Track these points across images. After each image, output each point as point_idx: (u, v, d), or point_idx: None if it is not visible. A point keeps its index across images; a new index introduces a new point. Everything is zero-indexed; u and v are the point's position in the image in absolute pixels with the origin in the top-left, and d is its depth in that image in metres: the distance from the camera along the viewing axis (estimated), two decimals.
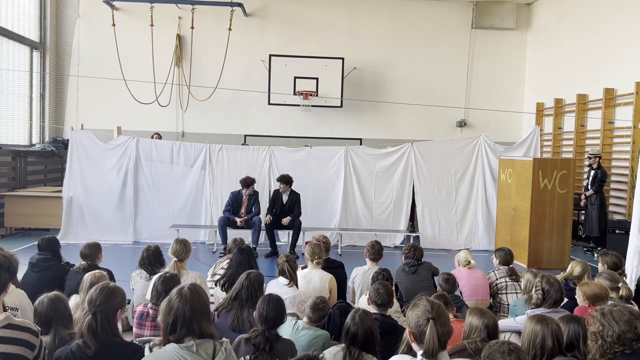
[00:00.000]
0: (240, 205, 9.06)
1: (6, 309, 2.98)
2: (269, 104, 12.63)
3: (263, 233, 9.01)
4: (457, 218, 10.10)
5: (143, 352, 2.79)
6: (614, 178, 10.13)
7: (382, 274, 4.62)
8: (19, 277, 4.17)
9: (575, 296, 4.18)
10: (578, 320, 3.15)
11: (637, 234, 6.24)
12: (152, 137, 10.82)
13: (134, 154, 9.85)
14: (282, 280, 4.58)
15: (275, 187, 9.37)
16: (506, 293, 5.30)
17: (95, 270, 4.13)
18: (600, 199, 9.48)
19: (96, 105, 13.00)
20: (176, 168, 9.99)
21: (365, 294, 4.76)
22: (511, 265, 5.57)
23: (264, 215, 9.10)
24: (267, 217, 8.96)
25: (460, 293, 5.27)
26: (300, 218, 9.08)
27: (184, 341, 2.41)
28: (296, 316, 4.00)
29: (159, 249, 5.12)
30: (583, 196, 9.64)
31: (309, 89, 12.42)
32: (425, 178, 10.07)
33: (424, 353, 2.42)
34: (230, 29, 12.24)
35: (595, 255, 9.12)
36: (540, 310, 3.78)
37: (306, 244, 5.34)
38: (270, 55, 12.53)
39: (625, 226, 8.46)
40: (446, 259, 8.25)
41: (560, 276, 4.81)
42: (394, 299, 4.77)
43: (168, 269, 4.66)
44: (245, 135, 13.31)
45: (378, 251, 5.44)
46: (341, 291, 5.24)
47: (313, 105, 12.64)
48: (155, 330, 3.68)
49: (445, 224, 10.08)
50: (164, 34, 12.83)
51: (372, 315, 3.32)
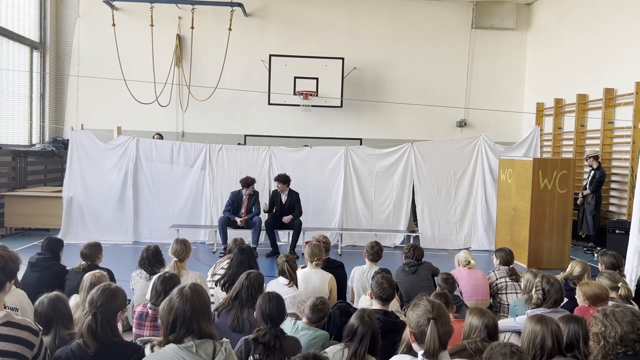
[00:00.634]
0: (240, 205, 9.06)
1: (6, 309, 2.97)
2: (269, 104, 12.63)
3: (263, 233, 9.02)
4: (457, 218, 10.11)
5: (143, 352, 2.79)
6: (614, 178, 10.14)
7: (382, 273, 4.62)
8: (19, 277, 4.16)
9: (575, 296, 4.18)
10: (578, 320, 3.15)
11: (637, 234, 6.24)
12: (154, 137, 10.83)
13: (134, 154, 9.85)
14: (282, 280, 4.58)
15: (274, 187, 9.39)
16: (506, 293, 5.30)
17: (95, 271, 4.13)
18: (596, 198, 9.52)
19: (96, 105, 13.00)
20: (176, 168, 9.99)
21: (365, 294, 4.77)
22: (511, 266, 5.58)
23: (264, 215, 9.11)
24: (265, 205, 9.00)
25: (460, 293, 5.28)
26: (300, 218, 9.09)
27: (184, 341, 2.41)
28: (296, 316, 4.00)
29: (158, 249, 5.12)
30: (580, 195, 9.68)
31: (309, 89, 12.42)
32: (425, 178, 10.07)
33: (424, 353, 2.42)
34: (230, 29, 12.24)
35: (595, 255, 9.13)
36: (540, 310, 3.78)
37: (306, 244, 5.34)
38: (270, 55, 12.52)
39: (625, 226, 8.47)
40: (446, 258, 8.25)
41: (560, 276, 4.81)
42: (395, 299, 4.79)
43: (168, 269, 4.66)
44: (245, 135, 13.31)
45: (377, 252, 5.44)
46: (341, 291, 5.24)
47: (313, 105, 12.64)
48: (154, 330, 3.67)
49: (444, 223, 10.09)
50: (164, 34, 12.82)
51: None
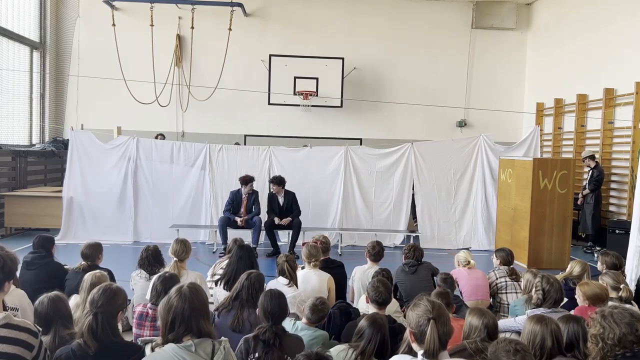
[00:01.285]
0: (240, 205, 9.06)
1: (6, 309, 2.97)
2: (269, 104, 12.63)
3: (263, 233, 9.02)
4: (457, 218, 10.11)
5: (143, 352, 2.79)
6: (613, 178, 10.14)
7: (382, 273, 4.63)
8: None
9: (575, 296, 4.18)
10: (577, 320, 3.15)
11: (637, 234, 6.24)
12: (157, 138, 10.82)
13: (134, 154, 9.85)
14: (282, 280, 4.58)
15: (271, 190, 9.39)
16: (506, 293, 5.30)
17: (95, 271, 4.13)
18: (595, 198, 9.52)
19: (96, 105, 13.00)
20: (176, 168, 9.99)
21: (364, 293, 4.77)
22: (511, 266, 5.58)
23: (264, 216, 9.11)
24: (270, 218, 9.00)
25: (460, 293, 5.28)
26: (300, 217, 9.09)
27: (183, 340, 2.41)
28: (295, 316, 4.00)
29: (158, 249, 5.12)
30: (580, 195, 9.70)
31: (309, 89, 12.42)
32: (425, 178, 10.07)
33: (424, 353, 2.42)
34: (230, 29, 12.24)
35: (595, 255, 9.13)
36: (541, 310, 3.78)
37: (303, 245, 5.34)
38: (270, 55, 12.52)
39: (625, 226, 8.47)
40: (446, 258, 8.25)
41: (559, 276, 4.81)
42: (394, 299, 4.79)
43: (168, 269, 4.66)
44: (245, 135, 13.32)
45: (379, 252, 5.46)
46: (341, 291, 5.24)
47: (313, 105, 12.64)
48: (154, 330, 3.67)
49: (444, 223, 10.09)
50: (164, 34, 12.83)
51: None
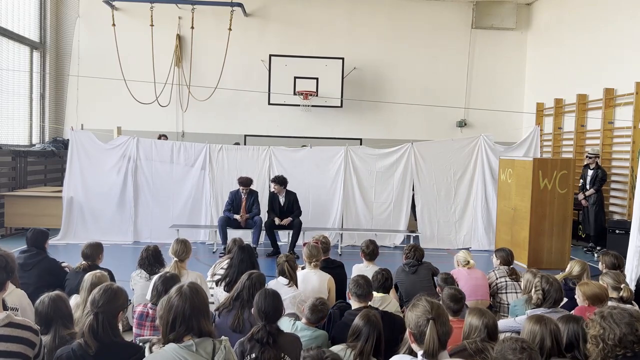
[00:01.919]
0: (239, 205, 9.06)
1: (7, 308, 2.98)
2: (269, 104, 12.63)
3: (263, 233, 9.02)
4: (457, 218, 10.11)
5: (144, 353, 2.80)
6: (614, 178, 10.13)
7: (382, 273, 4.62)
8: None
9: (575, 296, 4.18)
10: (577, 320, 3.15)
11: (637, 234, 6.24)
12: (159, 138, 10.82)
13: (134, 154, 9.86)
14: (282, 280, 4.59)
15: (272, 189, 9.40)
16: (506, 293, 5.30)
17: (96, 271, 4.13)
18: (599, 198, 9.49)
19: (96, 105, 13.00)
20: (176, 168, 9.99)
21: None
22: (511, 266, 5.58)
23: (264, 215, 9.12)
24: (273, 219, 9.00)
25: None
26: (300, 218, 9.09)
27: (184, 340, 2.42)
28: (295, 316, 4.01)
29: (158, 249, 5.13)
30: (582, 195, 9.62)
31: (309, 89, 12.42)
32: (425, 178, 10.07)
33: (424, 353, 2.42)
34: (230, 29, 12.24)
35: (596, 255, 9.13)
36: (541, 311, 3.78)
37: (304, 245, 5.34)
38: (270, 55, 12.53)
39: (625, 226, 8.47)
40: (446, 258, 8.25)
41: (559, 276, 4.81)
42: (394, 299, 4.79)
43: (169, 269, 4.67)
44: (245, 135, 13.32)
45: (373, 251, 5.51)
46: (341, 291, 5.24)
47: (313, 105, 12.64)
48: (155, 330, 3.68)
49: (444, 223, 10.10)
50: (164, 34, 12.83)
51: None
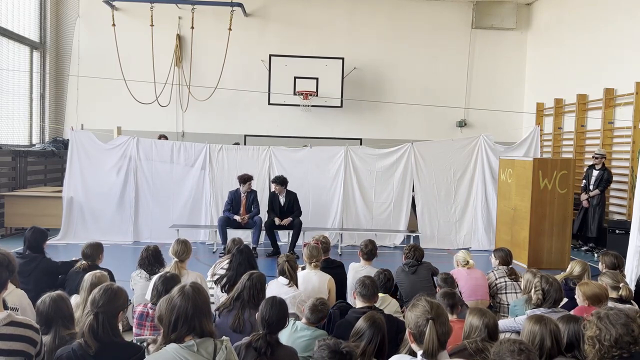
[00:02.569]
0: (239, 204, 9.06)
1: (7, 308, 2.98)
2: (269, 104, 12.63)
3: (263, 233, 9.02)
4: (457, 218, 10.11)
5: (144, 353, 2.80)
6: (614, 178, 10.12)
7: (384, 274, 4.63)
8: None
9: (575, 296, 4.18)
10: (577, 321, 3.16)
11: (637, 234, 6.25)
12: (159, 139, 10.82)
13: (134, 154, 9.86)
14: (282, 280, 4.59)
15: (272, 189, 9.40)
16: (506, 293, 5.30)
17: (96, 271, 4.13)
18: (602, 199, 9.46)
19: (96, 105, 13.00)
20: (176, 168, 9.99)
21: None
22: (510, 266, 5.58)
23: (264, 215, 9.12)
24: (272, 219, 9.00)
25: (460, 293, 5.27)
26: (300, 218, 9.09)
27: (185, 340, 2.42)
28: (295, 316, 4.01)
29: (158, 249, 5.13)
30: (584, 196, 9.58)
31: (309, 89, 12.42)
32: (425, 178, 10.07)
33: (423, 353, 2.43)
34: (230, 29, 12.24)
35: (596, 255, 9.13)
36: (540, 311, 3.79)
37: (304, 245, 5.35)
38: (270, 55, 12.52)
39: (625, 226, 8.47)
40: (446, 258, 8.25)
41: (560, 276, 4.82)
42: (394, 299, 4.79)
43: (169, 269, 4.67)
44: (245, 135, 13.32)
45: (371, 251, 5.53)
46: (341, 291, 5.25)
47: (313, 105, 12.64)
48: (155, 330, 3.68)
49: (444, 223, 10.10)
50: (164, 34, 12.83)
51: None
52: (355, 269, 5.40)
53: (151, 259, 5.00)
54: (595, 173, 9.50)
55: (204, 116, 13.19)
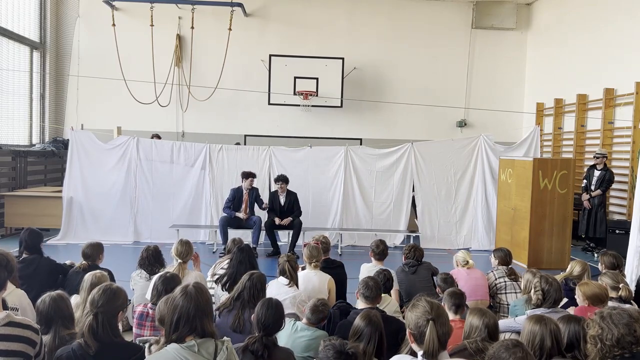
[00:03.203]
0: (240, 202, 9.07)
1: (7, 308, 2.98)
2: (269, 104, 12.63)
3: (263, 233, 9.03)
4: (457, 218, 10.12)
5: (144, 353, 2.80)
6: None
7: (384, 274, 4.63)
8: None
9: (575, 296, 4.18)
10: (577, 321, 3.16)
11: (637, 234, 6.24)
12: (152, 138, 10.82)
13: (134, 154, 9.86)
14: (283, 280, 4.59)
15: (274, 187, 9.40)
16: (505, 293, 5.30)
17: (96, 271, 4.13)
18: (603, 200, 9.44)
19: (96, 105, 13.00)
20: (176, 168, 10.00)
21: None
22: (510, 266, 5.58)
23: (264, 215, 9.13)
24: (265, 204, 9.09)
25: None
26: (300, 218, 9.09)
27: (186, 340, 2.42)
28: (295, 316, 4.01)
29: (158, 249, 5.13)
30: (586, 196, 9.52)
31: (309, 89, 12.42)
32: (425, 178, 10.08)
33: (424, 353, 2.43)
34: (230, 29, 12.24)
35: (596, 255, 9.12)
36: (540, 311, 3.79)
37: (304, 246, 5.35)
38: (270, 55, 12.52)
39: (625, 226, 8.47)
40: (446, 258, 8.25)
41: (560, 276, 4.82)
42: (394, 299, 4.79)
43: (172, 269, 4.66)
44: (245, 135, 13.32)
45: (383, 251, 5.51)
46: (341, 291, 5.25)
47: (313, 105, 12.64)
48: (155, 330, 3.68)
49: (444, 223, 10.10)
50: (164, 34, 12.83)
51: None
52: (367, 269, 5.37)
53: (151, 259, 5.00)
54: (597, 173, 9.46)
55: (204, 116, 13.19)
